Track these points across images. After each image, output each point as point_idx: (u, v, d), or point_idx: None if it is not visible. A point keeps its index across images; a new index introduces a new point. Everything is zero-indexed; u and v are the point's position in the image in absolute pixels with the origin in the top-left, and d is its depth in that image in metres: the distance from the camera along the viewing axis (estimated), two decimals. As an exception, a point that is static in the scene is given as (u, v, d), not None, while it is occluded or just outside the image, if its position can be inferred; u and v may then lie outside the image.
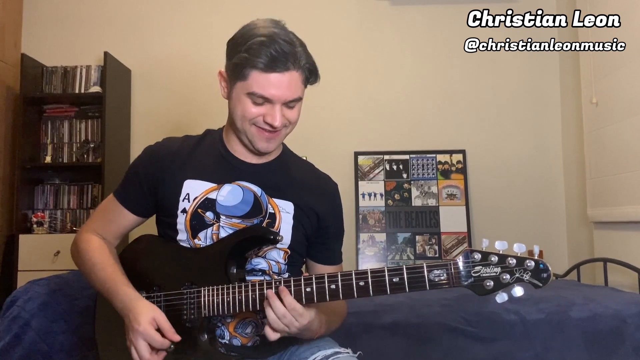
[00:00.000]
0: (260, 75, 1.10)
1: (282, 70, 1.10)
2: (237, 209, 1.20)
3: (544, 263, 0.95)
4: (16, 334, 1.61)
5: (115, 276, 1.17)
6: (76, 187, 3.25)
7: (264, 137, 1.17)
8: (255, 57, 1.09)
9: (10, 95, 3.20)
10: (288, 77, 1.11)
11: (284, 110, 1.14)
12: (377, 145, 3.26)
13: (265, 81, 1.10)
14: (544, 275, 0.95)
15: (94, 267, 1.20)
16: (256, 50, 1.09)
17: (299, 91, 1.15)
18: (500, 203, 3.21)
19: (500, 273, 0.96)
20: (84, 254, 1.23)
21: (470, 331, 1.68)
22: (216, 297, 1.10)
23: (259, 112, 1.14)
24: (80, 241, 1.26)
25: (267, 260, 1.22)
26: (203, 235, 1.20)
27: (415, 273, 0.99)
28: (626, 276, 2.39)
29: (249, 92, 1.12)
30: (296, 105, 1.17)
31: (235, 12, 3.16)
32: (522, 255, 0.96)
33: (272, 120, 1.13)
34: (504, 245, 0.98)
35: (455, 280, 0.98)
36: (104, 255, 1.22)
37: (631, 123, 2.38)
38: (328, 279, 1.04)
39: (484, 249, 0.98)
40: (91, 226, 1.29)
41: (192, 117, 3.23)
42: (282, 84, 1.11)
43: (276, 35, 1.10)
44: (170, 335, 1.09)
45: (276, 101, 1.12)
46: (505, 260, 0.96)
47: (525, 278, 0.95)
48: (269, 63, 1.08)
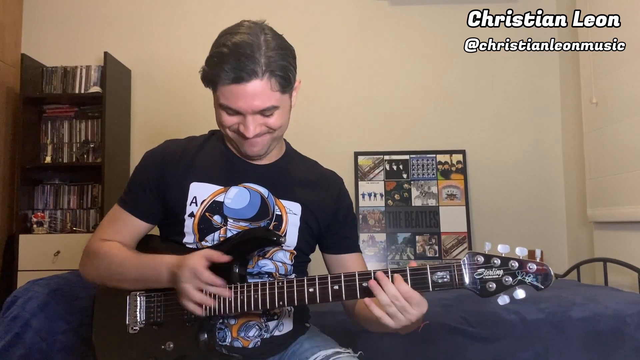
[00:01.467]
0: (224, 88, 1.08)
1: (245, 82, 1.05)
2: (245, 211, 1.19)
3: (546, 266, 0.97)
4: (16, 333, 1.61)
5: (151, 256, 1.15)
6: (76, 187, 3.25)
7: (246, 142, 1.15)
8: (214, 71, 1.07)
9: (10, 95, 3.20)
10: (252, 88, 1.06)
11: (260, 119, 1.11)
12: (377, 145, 3.27)
13: (230, 93, 1.08)
14: (546, 278, 0.97)
15: (125, 262, 1.16)
16: (216, 64, 1.07)
17: (271, 99, 1.09)
18: (500, 203, 3.21)
19: (503, 275, 0.98)
20: (104, 258, 1.19)
21: (470, 331, 1.68)
22: (217, 297, 1.10)
23: (233, 121, 1.12)
24: (92, 251, 1.22)
25: (274, 262, 1.22)
26: (210, 238, 1.19)
27: (418, 274, 1.00)
28: (626, 276, 2.39)
29: (219, 104, 1.11)
30: (274, 112, 1.12)
31: (235, 12, 3.14)
32: (524, 258, 0.98)
33: (245, 131, 1.11)
34: (506, 249, 0.99)
35: (458, 282, 0.99)
36: (127, 251, 1.20)
37: (631, 123, 2.38)
38: (331, 279, 1.04)
39: (486, 252, 1.00)
40: (99, 237, 1.25)
41: (192, 117, 3.23)
42: (247, 95, 1.07)
43: (238, 45, 1.06)
44: (217, 257, 1.06)
45: (245, 112, 1.10)
46: (507, 263, 0.98)
47: (527, 280, 0.97)
48: (229, 76, 1.06)
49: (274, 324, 1.22)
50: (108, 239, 1.23)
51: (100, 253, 1.20)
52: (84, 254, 1.24)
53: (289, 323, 1.25)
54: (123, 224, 1.24)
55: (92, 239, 1.25)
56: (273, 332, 1.21)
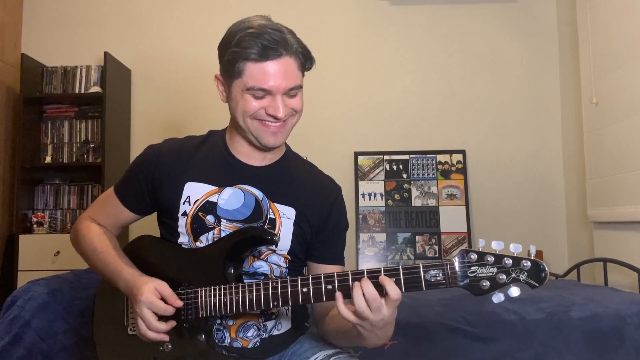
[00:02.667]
0: (254, 66, 1.08)
1: (276, 58, 1.08)
2: (238, 212, 1.19)
3: (541, 263, 0.94)
4: (16, 334, 1.61)
5: (117, 258, 1.19)
6: (76, 187, 3.25)
7: (269, 131, 1.14)
8: (246, 49, 1.07)
9: (10, 95, 3.21)
10: (283, 64, 1.09)
11: (286, 100, 1.12)
12: (377, 145, 3.26)
13: (260, 73, 1.08)
14: (541, 275, 0.94)
15: (95, 252, 1.22)
16: (247, 42, 1.07)
17: (297, 78, 1.12)
18: (500, 203, 3.21)
19: (497, 273, 0.95)
20: (84, 240, 1.26)
21: (470, 331, 1.68)
22: (213, 297, 1.10)
23: (261, 105, 1.12)
24: (80, 228, 1.29)
25: (269, 264, 1.21)
26: (204, 238, 1.19)
27: (411, 273, 0.98)
28: (626, 276, 2.39)
29: (247, 88, 1.10)
30: (298, 93, 1.14)
31: (235, 12, 3.14)
32: (519, 255, 0.95)
33: (275, 112, 1.11)
34: (500, 246, 0.96)
35: (452, 280, 0.97)
36: (105, 241, 1.24)
37: (631, 123, 2.38)
38: (325, 279, 1.03)
39: (480, 249, 0.97)
40: (91, 214, 1.31)
41: (192, 117, 3.23)
42: (279, 72, 1.08)
43: (263, 26, 1.09)
44: (173, 300, 1.10)
45: (276, 92, 1.10)
46: (501, 260, 0.95)
47: (522, 278, 0.94)
48: (261, 52, 1.07)
49: (271, 323, 1.22)
50: (96, 219, 1.30)
51: (83, 235, 1.27)
52: (74, 228, 1.32)
53: (287, 322, 1.25)
54: (111, 209, 1.29)
55: (84, 214, 1.33)
56: (271, 332, 1.21)
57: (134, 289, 1.11)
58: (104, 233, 1.27)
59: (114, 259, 1.19)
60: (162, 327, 1.09)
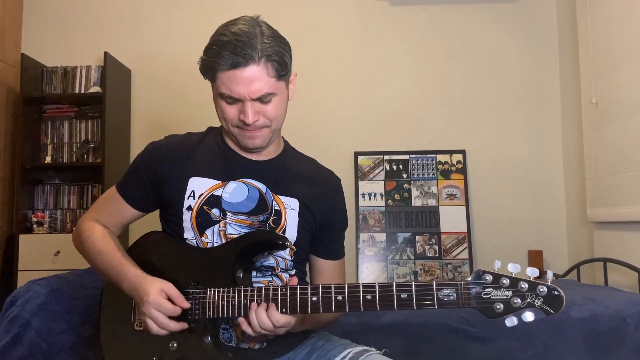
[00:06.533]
0: (223, 74, 1.12)
1: (242, 66, 1.09)
2: (243, 205, 1.20)
3: (557, 289, 0.92)
4: (16, 334, 1.61)
5: (122, 260, 1.19)
6: (76, 187, 3.25)
7: (246, 135, 1.18)
8: (214, 58, 1.11)
9: (10, 95, 3.20)
10: (250, 73, 1.10)
11: (258, 106, 1.14)
12: (377, 145, 3.26)
13: (228, 80, 1.11)
14: (557, 302, 0.92)
15: (99, 254, 1.22)
16: (215, 51, 1.11)
17: (267, 86, 1.12)
18: (500, 203, 3.21)
19: (512, 297, 0.94)
20: (88, 242, 1.25)
21: (471, 331, 1.68)
22: (222, 299, 1.10)
23: (234, 112, 1.15)
24: (83, 229, 1.28)
25: (275, 257, 1.22)
26: (210, 232, 1.20)
27: (424, 290, 0.98)
28: (626, 276, 2.39)
29: (219, 93, 1.15)
30: (272, 100, 1.15)
31: (235, 12, 3.15)
32: (535, 279, 0.94)
33: (244, 118, 1.14)
34: (516, 268, 0.95)
35: (465, 301, 0.96)
36: (109, 242, 1.24)
37: (631, 123, 2.38)
38: (335, 289, 1.03)
39: (496, 271, 0.96)
40: (93, 215, 1.31)
41: (192, 117, 3.23)
42: (245, 80, 1.10)
43: (235, 34, 1.10)
44: (180, 302, 1.09)
45: (244, 99, 1.12)
46: (517, 284, 0.94)
47: (537, 304, 0.93)
48: (227, 62, 1.09)
49: None
50: (99, 219, 1.30)
51: (86, 236, 1.26)
52: (76, 229, 1.31)
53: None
54: (114, 208, 1.29)
55: (86, 215, 1.32)
56: None
57: (139, 290, 1.11)
58: (107, 234, 1.27)
59: (118, 261, 1.19)
60: (173, 325, 1.09)
